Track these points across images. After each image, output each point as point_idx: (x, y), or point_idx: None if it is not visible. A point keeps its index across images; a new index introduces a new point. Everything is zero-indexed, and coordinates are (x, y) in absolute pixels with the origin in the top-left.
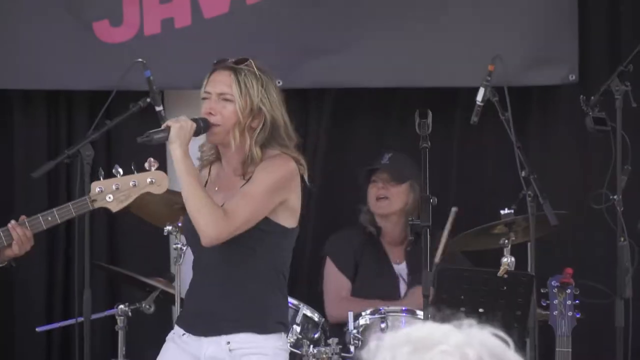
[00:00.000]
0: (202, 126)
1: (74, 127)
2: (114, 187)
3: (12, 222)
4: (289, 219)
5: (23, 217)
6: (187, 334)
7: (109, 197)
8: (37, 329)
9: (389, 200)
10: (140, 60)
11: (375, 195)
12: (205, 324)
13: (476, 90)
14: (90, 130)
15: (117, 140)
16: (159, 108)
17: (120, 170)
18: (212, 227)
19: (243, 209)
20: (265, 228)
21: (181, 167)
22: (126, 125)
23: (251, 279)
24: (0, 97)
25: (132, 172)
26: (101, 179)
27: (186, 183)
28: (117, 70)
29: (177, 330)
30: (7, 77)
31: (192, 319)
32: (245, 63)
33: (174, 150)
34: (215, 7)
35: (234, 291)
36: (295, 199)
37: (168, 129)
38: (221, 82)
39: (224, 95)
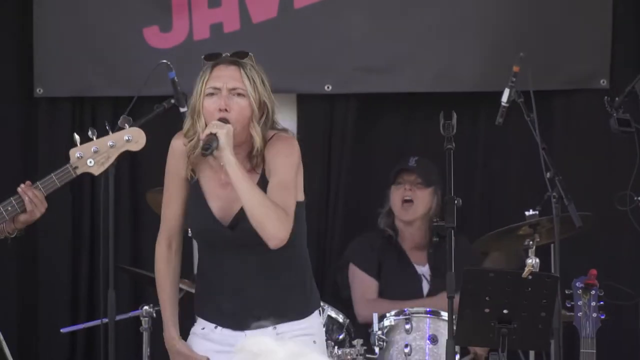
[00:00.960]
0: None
1: (98, 127)
2: (92, 150)
3: (22, 185)
4: (300, 192)
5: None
6: (220, 327)
7: (90, 162)
8: (61, 330)
9: (413, 205)
10: (164, 61)
11: (402, 197)
12: (247, 320)
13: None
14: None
15: None
16: (183, 109)
17: (96, 132)
18: (281, 229)
19: (290, 199)
20: None
21: (238, 173)
22: (150, 126)
23: (288, 266)
24: (25, 97)
25: (107, 133)
26: (77, 144)
27: (248, 189)
28: (167, 75)
29: (206, 324)
30: (52, 85)
31: (230, 316)
32: (247, 57)
33: (229, 156)
34: (264, 12)
35: (275, 284)
36: (302, 173)
37: (214, 136)
38: (231, 77)
39: (236, 90)
